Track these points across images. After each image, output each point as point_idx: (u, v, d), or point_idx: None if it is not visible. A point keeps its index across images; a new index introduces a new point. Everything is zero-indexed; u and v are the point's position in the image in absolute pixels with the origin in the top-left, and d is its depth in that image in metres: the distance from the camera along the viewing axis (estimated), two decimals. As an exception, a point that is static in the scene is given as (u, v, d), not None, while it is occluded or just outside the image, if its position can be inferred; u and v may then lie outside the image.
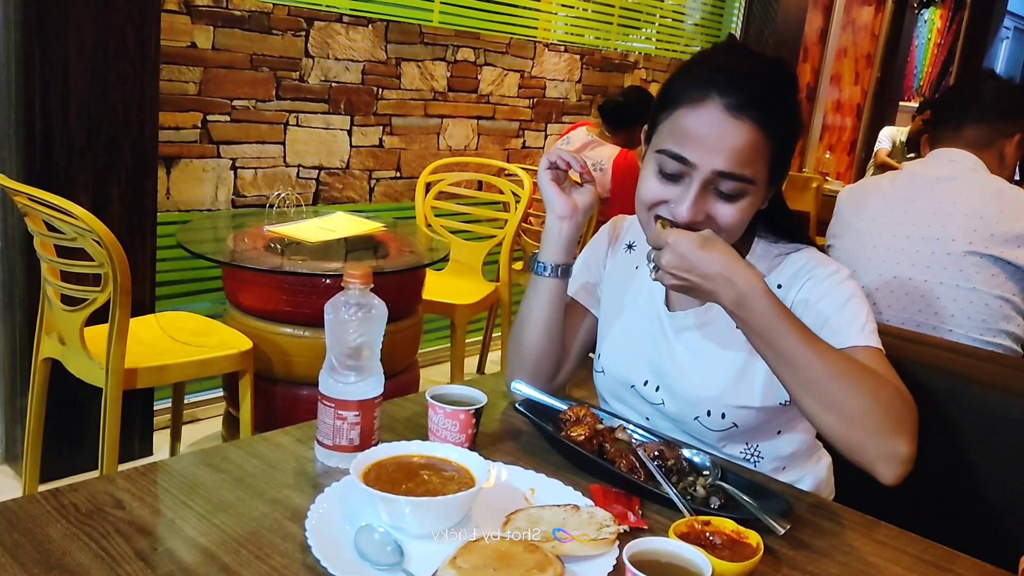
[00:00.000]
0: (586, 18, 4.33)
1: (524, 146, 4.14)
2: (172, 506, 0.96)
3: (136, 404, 2.66)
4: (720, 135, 1.10)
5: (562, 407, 1.22)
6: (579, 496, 1.03)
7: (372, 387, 1.09)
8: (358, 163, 3.45)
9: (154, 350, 2.24)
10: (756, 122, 1.10)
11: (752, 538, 0.93)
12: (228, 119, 3.00)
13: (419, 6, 3.50)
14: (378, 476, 0.97)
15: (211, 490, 1.00)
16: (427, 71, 3.60)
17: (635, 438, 1.18)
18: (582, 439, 1.13)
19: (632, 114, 3.69)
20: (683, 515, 0.99)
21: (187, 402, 2.88)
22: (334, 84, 3.28)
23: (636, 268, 1.36)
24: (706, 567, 0.80)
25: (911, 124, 6.11)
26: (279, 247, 2.55)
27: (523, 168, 3.39)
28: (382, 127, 3.50)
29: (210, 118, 2.95)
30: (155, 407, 2.80)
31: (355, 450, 1.05)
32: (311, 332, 2.44)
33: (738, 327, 1.11)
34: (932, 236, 1.76)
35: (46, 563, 0.84)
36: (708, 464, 1.12)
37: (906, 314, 1.76)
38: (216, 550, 0.88)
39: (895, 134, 6.19)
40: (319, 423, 1.09)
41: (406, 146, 3.61)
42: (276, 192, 3.13)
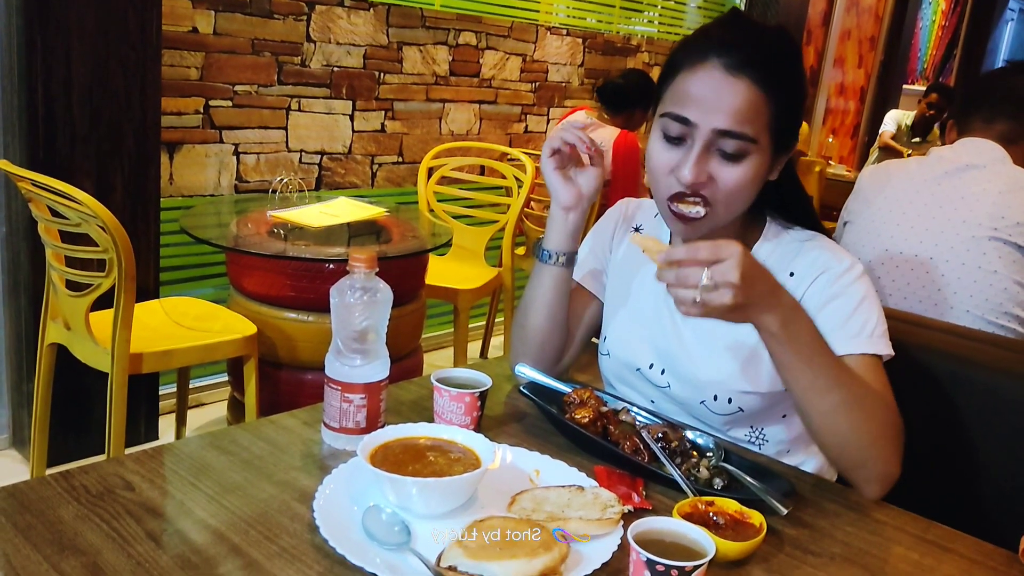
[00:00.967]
0: (588, 1, 4.31)
1: (526, 130, 4.13)
2: (181, 488, 0.98)
3: (141, 389, 2.67)
4: (718, 93, 1.10)
5: (566, 390, 1.23)
6: (583, 477, 1.04)
7: (378, 370, 1.10)
8: (360, 148, 3.45)
9: (159, 335, 2.25)
10: (755, 80, 1.10)
11: (755, 518, 0.94)
12: (230, 104, 2.99)
13: (421, -10, 3.49)
14: (385, 458, 0.98)
15: (220, 472, 1.01)
16: (429, 55, 3.59)
17: (639, 420, 1.19)
18: (586, 421, 1.14)
19: (632, 96, 3.68)
20: (687, 496, 1.00)
21: (192, 387, 2.90)
22: (336, 69, 3.27)
23: (643, 251, 1.36)
24: (710, 546, 0.81)
25: (917, 108, 6.08)
26: (282, 232, 2.56)
27: (525, 153, 3.39)
28: (384, 112, 3.50)
29: (212, 103, 2.95)
30: (160, 392, 2.82)
31: (362, 432, 1.06)
32: (315, 317, 2.45)
33: (772, 347, 1.05)
34: (958, 219, 1.78)
35: (58, 543, 0.85)
36: (711, 445, 1.13)
37: (924, 292, 1.78)
38: (225, 531, 0.89)
39: (900, 117, 6.17)
40: (326, 406, 1.10)
41: (408, 131, 3.61)
42: (279, 177, 3.13)
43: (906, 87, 7.49)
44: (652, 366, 1.30)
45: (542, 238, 1.31)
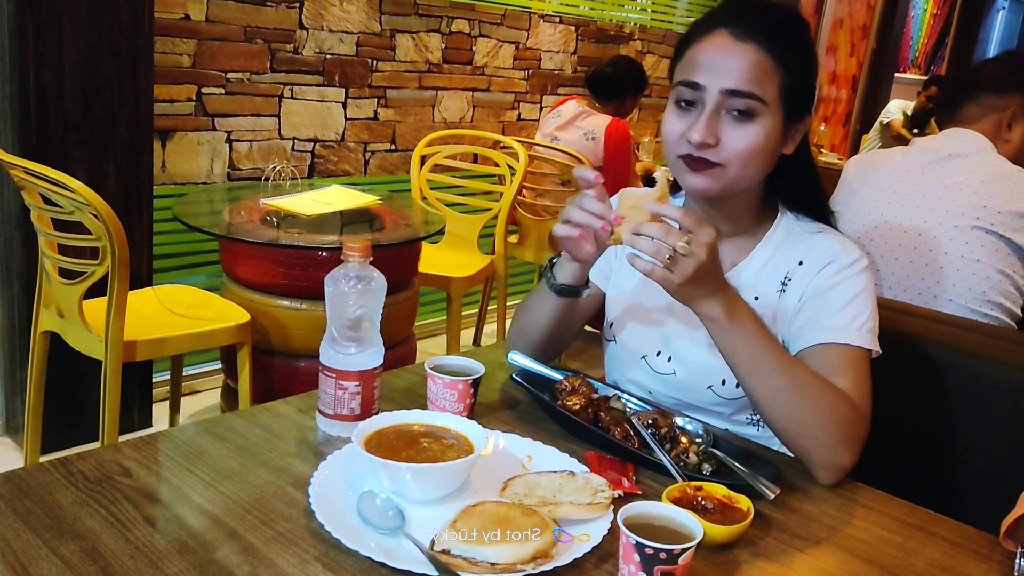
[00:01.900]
0: (581, -11, 4.31)
1: (519, 118, 4.13)
2: (178, 474, 0.99)
3: (135, 376, 2.68)
4: (725, 56, 1.14)
5: (558, 377, 1.24)
6: (575, 463, 1.06)
7: (372, 358, 1.11)
8: (353, 136, 3.45)
9: (152, 323, 2.25)
10: (762, 46, 1.14)
11: (743, 503, 0.95)
12: (223, 92, 2.99)
13: (413, -23, 3.48)
14: (379, 444, 0.99)
15: (216, 458, 1.03)
16: (422, 43, 3.59)
17: (629, 407, 1.20)
18: (578, 408, 1.16)
19: (621, 84, 3.68)
20: (676, 481, 1.01)
21: (185, 374, 2.90)
22: (328, 56, 3.27)
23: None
24: (698, 530, 0.83)
25: (916, 100, 6.07)
26: (275, 220, 2.56)
27: (518, 140, 3.39)
28: (377, 99, 3.49)
29: (205, 91, 2.94)
30: (153, 379, 2.82)
31: (356, 419, 1.08)
32: (308, 304, 2.45)
33: (713, 332, 1.11)
34: (941, 208, 1.79)
35: (57, 528, 0.86)
36: (700, 432, 1.15)
37: (908, 281, 1.80)
38: (222, 516, 0.91)
39: (903, 106, 6.17)
40: (320, 393, 1.11)
41: (401, 118, 3.61)
42: (271, 165, 3.13)
43: (898, 75, 7.50)
44: (659, 353, 1.31)
45: (554, 258, 1.26)
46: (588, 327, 1.45)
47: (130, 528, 0.87)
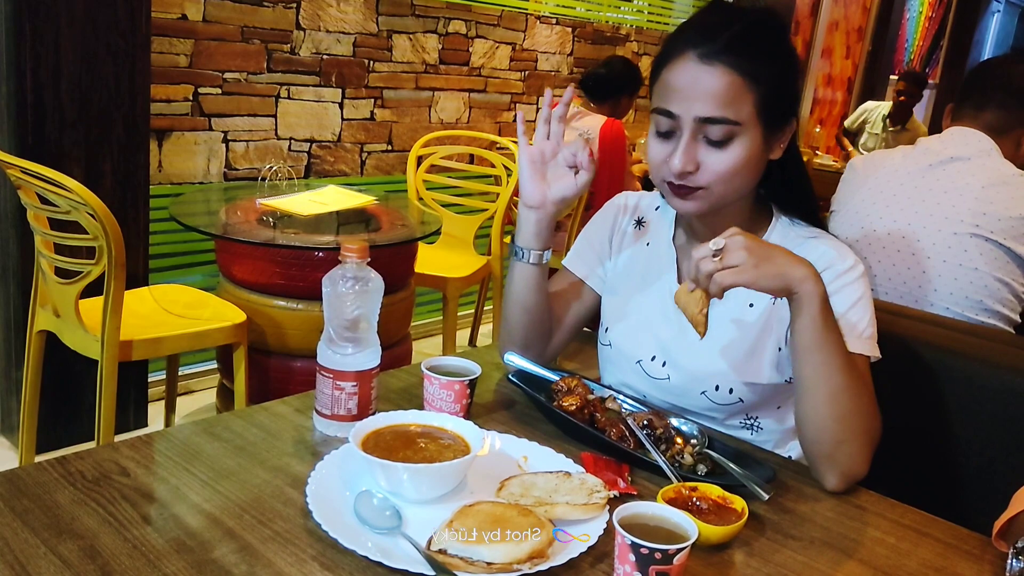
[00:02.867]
0: (578, -10, 4.32)
1: (515, 120, 4.13)
2: (176, 473, 0.99)
3: (131, 376, 2.68)
4: (695, 83, 1.13)
5: (554, 378, 1.25)
6: (571, 463, 1.06)
7: (369, 358, 1.11)
8: (349, 136, 3.45)
9: (149, 322, 2.25)
10: (730, 65, 1.12)
11: (737, 503, 0.96)
12: (219, 91, 2.99)
13: (410, -22, 3.48)
14: (376, 444, 0.99)
15: (213, 458, 1.03)
16: (418, 43, 3.59)
17: (625, 408, 1.21)
18: (573, 409, 1.16)
19: (615, 84, 3.68)
20: (671, 481, 1.02)
21: (181, 374, 2.90)
22: (325, 56, 3.27)
23: (647, 245, 1.38)
24: (693, 530, 0.83)
25: (892, 98, 6.06)
26: (271, 220, 2.56)
27: (514, 141, 3.39)
28: (373, 100, 3.50)
29: (201, 91, 2.94)
30: (149, 379, 2.82)
31: (353, 419, 1.08)
32: (304, 305, 2.45)
33: (801, 322, 1.07)
34: (940, 214, 1.77)
35: (55, 528, 0.86)
36: (695, 433, 1.16)
37: (905, 287, 1.78)
38: (220, 515, 0.91)
39: (870, 109, 6.15)
40: (318, 393, 1.12)
41: (397, 119, 3.61)
42: (268, 165, 3.13)
43: (892, 78, 7.50)
44: (654, 358, 1.32)
45: (515, 236, 1.33)
46: (587, 328, 1.46)
47: (128, 527, 0.87)
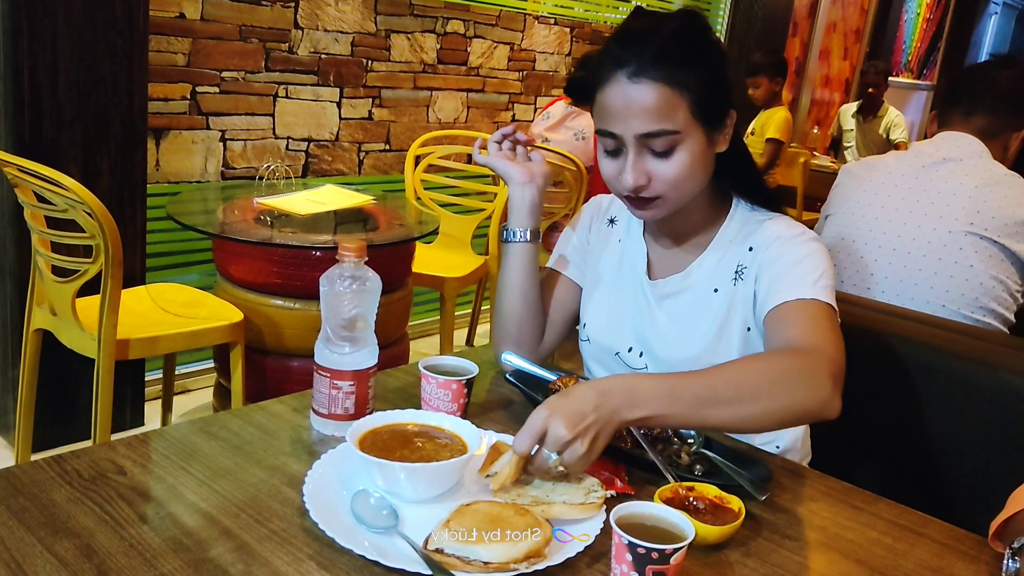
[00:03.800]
0: (576, -9, 4.32)
1: (514, 119, 4.14)
2: (172, 472, 0.99)
3: (127, 375, 2.68)
4: (628, 102, 1.16)
5: (551, 377, 1.24)
6: (568, 463, 1.06)
7: (367, 357, 1.11)
8: (347, 135, 3.45)
9: (145, 321, 2.25)
10: (658, 79, 1.14)
11: (734, 503, 0.96)
12: (217, 90, 2.99)
13: (409, -23, 3.48)
14: (373, 443, 0.99)
15: (210, 457, 1.03)
16: (417, 43, 3.59)
17: (622, 408, 1.21)
18: (571, 408, 1.16)
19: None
20: (668, 481, 1.02)
21: (178, 373, 2.90)
22: (323, 56, 3.27)
23: (619, 241, 1.41)
24: (690, 530, 0.83)
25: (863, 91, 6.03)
26: (269, 219, 2.56)
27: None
28: (371, 99, 3.49)
29: (199, 89, 2.94)
30: (146, 378, 2.82)
31: (350, 419, 1.08)
32: (302, 304, 2.45)
33: (671, 423, 1.06)
34: (935, 214, 1.79)
35: (52, 526, 0.86)
36: (692, 433, 1.16)
37: (901, 286, 1.80)
38: (217, 514, 0.91)
39: (841, 112, 6.15)
40: (315, 392, 1.12)
41: (395, 119, 3.61)
42: (266, 164, 3.13)
43: (891, 79, 7.52)
44: (631, 349, 1.35)
45: (506, 224, 1.38)
46: (578, 327, 1.46)
47: (124, 526, 0.87)
